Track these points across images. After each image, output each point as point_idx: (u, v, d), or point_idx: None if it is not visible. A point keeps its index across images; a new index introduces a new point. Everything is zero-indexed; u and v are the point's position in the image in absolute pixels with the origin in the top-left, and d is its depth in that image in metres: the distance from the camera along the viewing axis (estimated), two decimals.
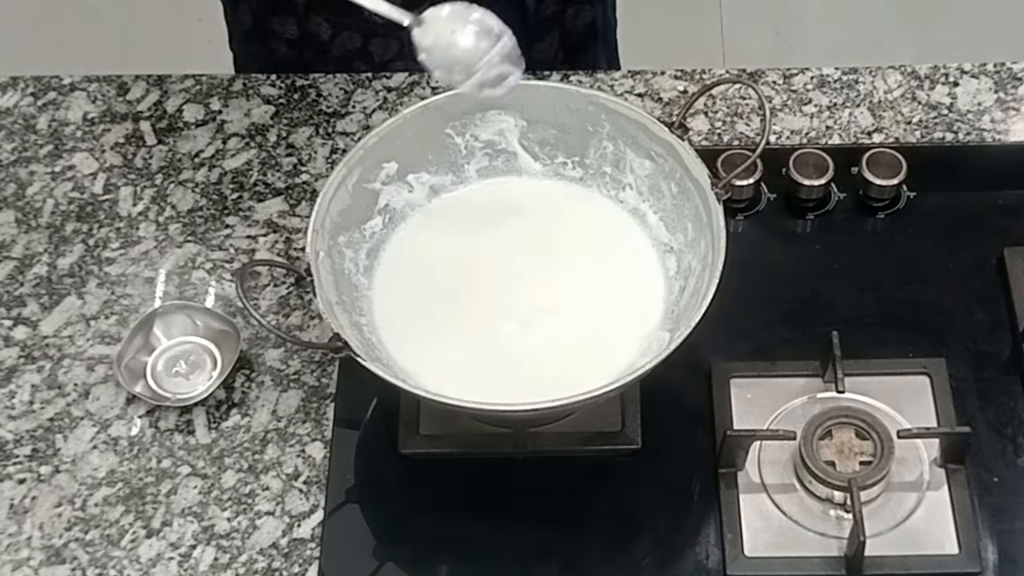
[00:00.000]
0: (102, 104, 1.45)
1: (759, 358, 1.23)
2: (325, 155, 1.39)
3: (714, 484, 1.17)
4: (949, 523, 1.14)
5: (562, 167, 1.26)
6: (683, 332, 1.07)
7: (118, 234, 1.35)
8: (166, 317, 1.26)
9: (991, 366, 1.24)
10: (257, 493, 1.19)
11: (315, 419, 1.22)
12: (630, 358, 1.14)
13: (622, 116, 1.20)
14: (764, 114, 1.18)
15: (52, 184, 1.39)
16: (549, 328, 1.17)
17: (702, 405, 1.21)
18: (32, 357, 1.27)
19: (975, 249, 1.31)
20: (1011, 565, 1.13)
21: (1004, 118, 1.40)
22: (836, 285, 1.30)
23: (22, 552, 1.17)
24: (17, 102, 1.46)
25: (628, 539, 1.17)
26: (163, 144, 1.42)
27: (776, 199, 1.35)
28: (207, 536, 1.17)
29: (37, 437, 1.23)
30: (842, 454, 1.15)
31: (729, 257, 1.09)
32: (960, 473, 1.16)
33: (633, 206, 1.24)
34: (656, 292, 1.19)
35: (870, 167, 1.33)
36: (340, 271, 1.17)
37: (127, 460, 1.21)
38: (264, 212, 1.36)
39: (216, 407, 1.24)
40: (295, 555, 1.16)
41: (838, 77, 1.44)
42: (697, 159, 1.15)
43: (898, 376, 1.22)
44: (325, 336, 1.11)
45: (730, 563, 1.12)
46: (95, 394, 1.25)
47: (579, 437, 1.19)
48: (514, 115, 1.22)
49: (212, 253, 1.34)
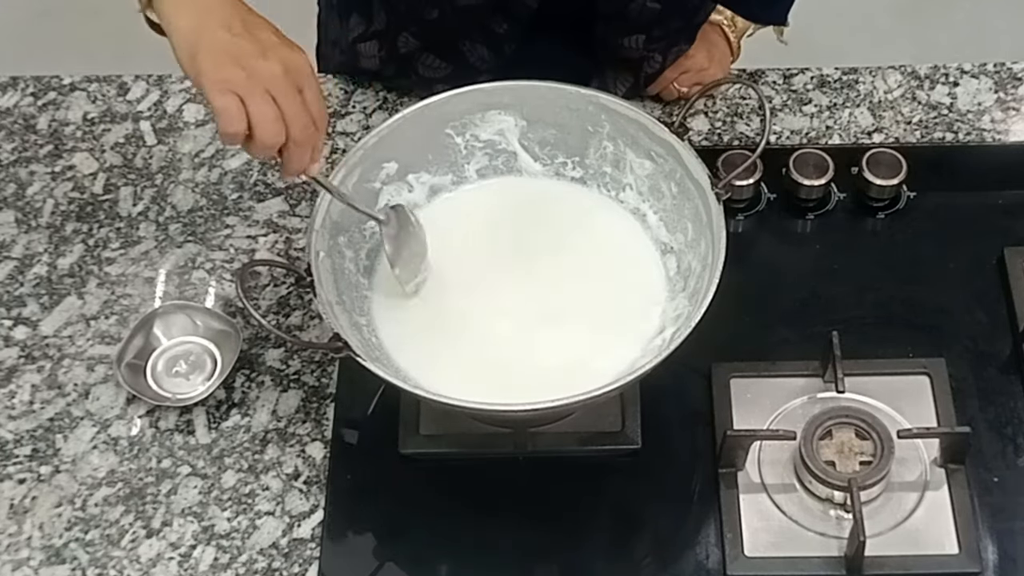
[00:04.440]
0: (102, 104, 1.45)
1: (759, 358, 1.23)
2: (325, 155, 1.39)
3: (714, 484, 1.17)
4: (949, 523, 1.14)
5: (562, 167, 1.26)
6: (683, 332, 1.07)
7: (118, 234, 1.35)
8: (166, 317, 1.26)
9: (991, 366, 1.24)
10: (257, 493, 1.19)
11: (315, 419, 1.22)
12: (630, 358, 1.14)
13: (622, 116, 1.20)
14: (764, 114, 1.19)
15: (52, 184, 1.39)
16: (549, 328, 1.17)
17: (702, 405, 1.21)
18: (32, 357, 1.27)
19: (975, 249, 1.31)
20: (1011, 565, 1.13)
21: (1004, 118, 1.40)
22: (836, 285, 1.30)
23: (22, 552, 1.17)
24: (17, 102, 1.46)
25: (628, 539, 1.17)
26: (163, 144, 1.42)
27: (776, 199, 1.35)
28: (207, 536, 1.17)
29: (37, 437, 1.23)
30: (842, 454, 1.15)
31: (729, 257, 1.09)
32: (960, 473, 1.16)
33: (633, 206, 1.24)
34: (656, 292, 1.19)
35: (870, 167, 1.33)
36: (340, 271, 1.17)
37: (127, 460, 1.21)
38: (264, 212, 1.36)
39: (216, 407, 1.24)
40: (295, 555, 1.16)
41: (838, 77, 1.44)
42: (697, 159, 1.15)
43: (898, 376, 1.22)
44: (325, 336, 1.11)
45: (730, 563, 1.12)
46: (95, 394, 1.25)
47: (579, 437, 1.19)
48: (514, 115, 1.22)
49: (212, 253, 1.34)
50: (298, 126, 1.01)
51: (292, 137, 1.01)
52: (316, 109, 1.03)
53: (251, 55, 1.00)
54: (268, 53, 1.01)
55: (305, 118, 1.02)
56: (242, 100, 0.99)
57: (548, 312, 1.18)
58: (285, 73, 1.01)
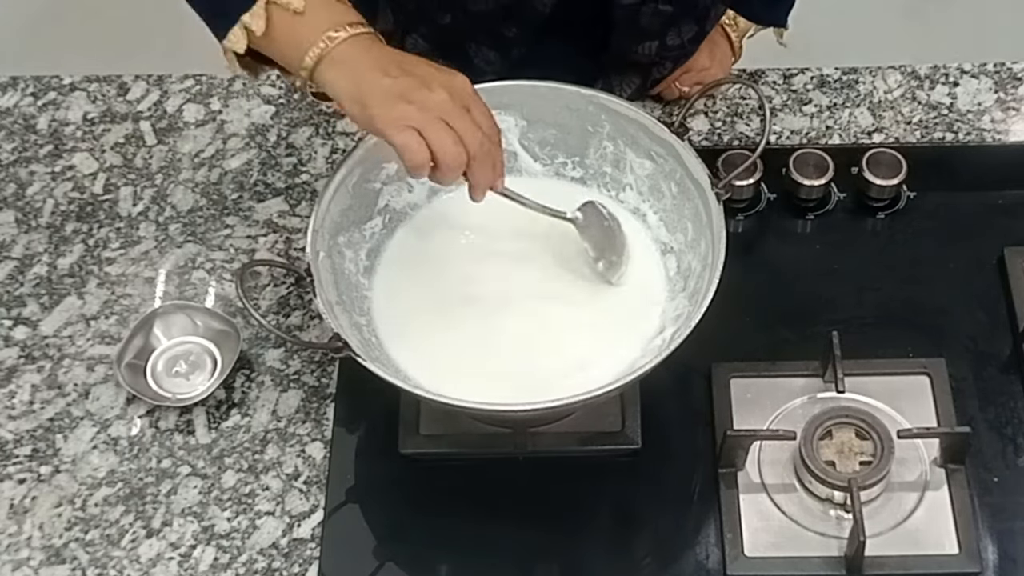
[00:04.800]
0: (102, 104, 1.45)
1: (759, 358, 1.23)
2: (325, 155, 1.39)
3: (714, 484, 1.17)
4: (949, 523, 1.14)
5: (562, 167, 1.26)
6: (683, 332, 1.07)
7: (118, 234, 1.35)
8: (166, 317, 1.26)
9: (991, 366, 1.24)
10: (257, 493, 1.19)
11: (315, 419, 1.22)
12: (630, 358, 1.14)
13: (622, 116, 1.20)
14: (764, 114, 1.19)
15: (52, 184, 1.39)
16: (549, 328, 1.17)
17: (702, 405, 1.21)
18: (32, 357, 1.27)
19: (975, 249, 1.31)
20: (1011, 565, 1.13)
21: (1004, 118, 1.40)
22: (836, 285, 1.30)
23: (22, 552, 1.17)
24: (17, 102, 1.46)
25: (628, 539, 1.17)
26: (163, 144, 1.42)
27: (776, 199, 1.35)
28: (207, 536, 1.17)
29: (37, 437, 1.23)
30: (842, 454, 1.15)
31: (729, 257, 1.09)
32: (960, 473, 1.16)
33: (633, 206, 1.24)
34: (656, 292, 1.19)
35: (870, 167, 1.33)
36: (340, 271, 1.17)
37: (127, 460, 1.21)
38: (264, 212, 1.36)
39: (216, 407, 1.24)
40: (295, 555, 1.16)
41: (838, 77, 1.44)
42: (697, 159, 1.15)
43: (898, 376, 1.22)
44: (325, 336, 1.11)
45: (730, 563, 1.12)
46: (95, 394, 1.25)
47: (579, 437, 1.19)
48: (514, 115, 1.22)
49: (212, 253, 1.34)
50: (475, 144, 1.05)
51: (472, 155, 1.05)
52: (487, 124, 1.07)
53: (415, 88, 1.04)
54: (431, 84, 1.04)
55: (479, 135, 1.05)
56: (420, 133, 1.03)
57: (548, 312, 1.18)
58: (451, 97, 1.04)
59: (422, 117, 1.03)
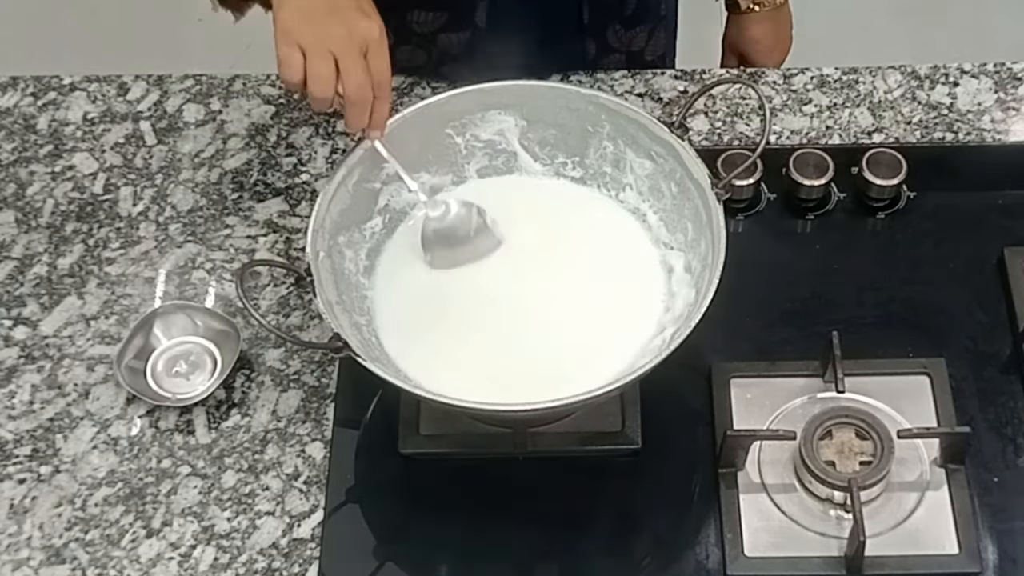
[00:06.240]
0: (102, 104, 1.45)
1: (759, 358, 1.23)
2: (325, 155, 1.39)
3: (714, 484, 1.17)
4: (949, 523, 1.14)
5: (562, 167, 1.26)
6: (683, 332, 1.07)
7: (118, 234, 1.35)
8: (166, 317, 1.26)
9: (991, 366, 1.24)
10: (257, 493, 1.19)
11: (315, 419, 1.22)
12: (630, 358, 1.14)
13: (622, 116, 1.20)
14: (764, 114, 1.19)
15: (52, 184, 1.39)
16: (549, 328, 1.17)
17: (702, 405, 1.21)
18: (32, 357, 1.27)
19: (975, 249, 1.31)
20: (1011, 565, 1.13)
21: (1004, 118, 1.40)
22: (836, 285, 1.30)
23: (22, 552, 1.17)
24: (17, 102, 1.46)
25: (628, 539, 1.17)
26: (163, 144, 1.42)
27: (776, 199, 1.35)
28: (207, 536, 1.17)
29: (37, 437, 1.23)
30: (842, 454, 1.15)
31: (729, 257, 1.09)
32: (960, 473, 1.16)
33: (633, 206, 1.24)
34: (656, 292, 1.19)
35: (870, 167, 1.33)
36: (340, 271, 1.17)
37: (127, 460, 1.21)
38: (264, 212, 1.36)
39: (216, 407, 1.24)
40: (295, 555, 1.16)
41: (838, 77, 1.44)
42: (697, 159, 1.15)
43: (898, 376, 1.22)
44: (325, 336, 1.11)
45: (730, 563, 1.12)
46: (95, 394, 1.25)
47: (579, 437, 1.19)
48: (514, 115, 1.22)
49: (212, 253, 1.34)
50: (353, 85, 1.08)
51: (347, 96, 1.08)
52: (379, 73, 1.09)
53: (322, 15, 1.07)
54: (340, 15, 1.08)
55: (361, 78, 1.08)
56: (304, 54, 1.06)
57: (548, 312, 1.18)
58: (349, 35, 1.07)
59: (313, 41, 1.06)
